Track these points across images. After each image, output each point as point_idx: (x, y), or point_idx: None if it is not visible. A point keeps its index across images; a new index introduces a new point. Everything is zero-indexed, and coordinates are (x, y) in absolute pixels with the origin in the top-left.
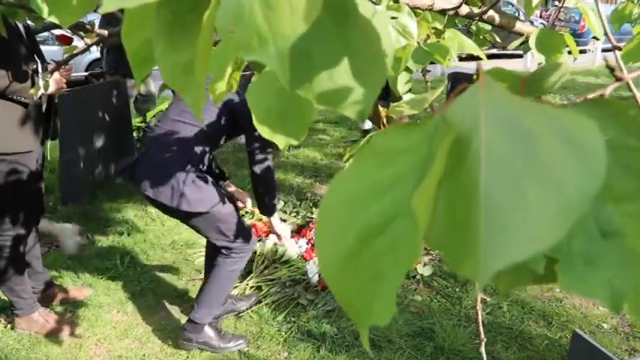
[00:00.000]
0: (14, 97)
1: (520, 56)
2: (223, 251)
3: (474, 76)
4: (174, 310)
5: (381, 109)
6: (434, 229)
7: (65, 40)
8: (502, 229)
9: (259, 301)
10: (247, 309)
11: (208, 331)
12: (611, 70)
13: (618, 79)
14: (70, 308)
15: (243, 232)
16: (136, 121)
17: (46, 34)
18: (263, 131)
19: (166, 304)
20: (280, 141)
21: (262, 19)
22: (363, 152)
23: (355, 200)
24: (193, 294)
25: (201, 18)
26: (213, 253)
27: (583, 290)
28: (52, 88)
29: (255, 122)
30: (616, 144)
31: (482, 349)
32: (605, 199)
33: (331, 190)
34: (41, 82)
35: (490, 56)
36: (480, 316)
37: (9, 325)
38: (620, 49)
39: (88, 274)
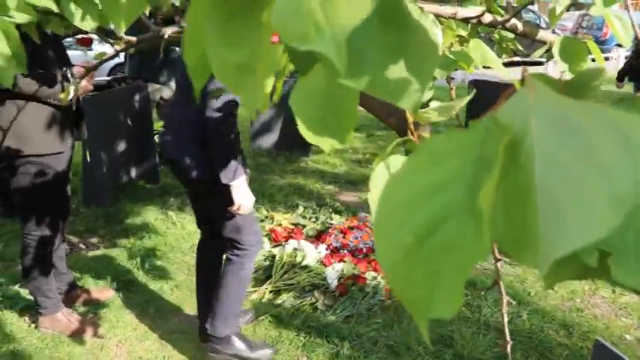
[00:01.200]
0: (46, 101)
1: (540, 64)
2: (229, 253)
3: (519, 82)
4: (194, 313)
5: (408, 114)
6: (493, 227)
7: (84, 42)
8: (559, 219)
9: (277, 306)
10: (242, 325)
11: (237, 342)
12: None
13: None
14: (92, 309)
15: (255, 231)
16: (157, 125)
17: (70, 39)
18: (308, 137)
19: (186, 306)
20: (325, 144)
21: (319, 8)
22: (417, 154)
23: (409, 200)
24: None
25: (258, 14)
26: (208, 257)
27: (637, 283)
28: (78, 92)
29: (300, 128)
30: None
31: (509, 351)
32: None
33: (387, 190)
34: (72, 87)
35: (509, 63)
36: (505, 319)
37: (33, 325)
38: None
39: (109, 276)
